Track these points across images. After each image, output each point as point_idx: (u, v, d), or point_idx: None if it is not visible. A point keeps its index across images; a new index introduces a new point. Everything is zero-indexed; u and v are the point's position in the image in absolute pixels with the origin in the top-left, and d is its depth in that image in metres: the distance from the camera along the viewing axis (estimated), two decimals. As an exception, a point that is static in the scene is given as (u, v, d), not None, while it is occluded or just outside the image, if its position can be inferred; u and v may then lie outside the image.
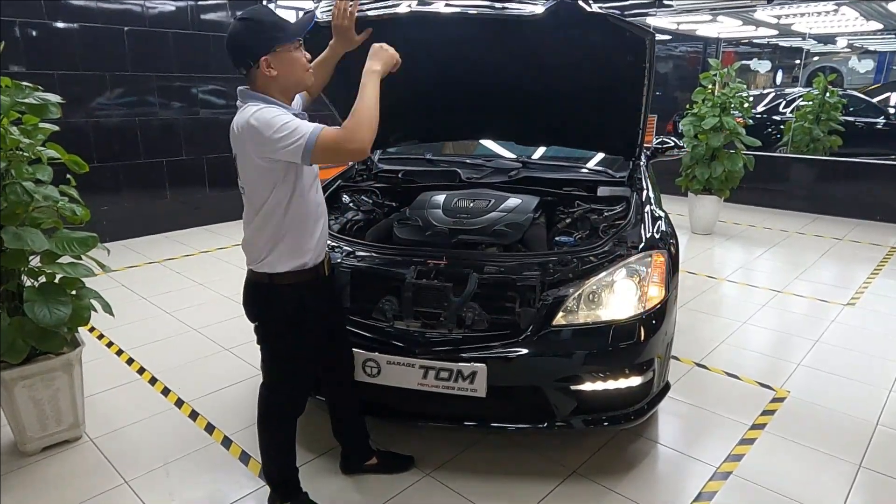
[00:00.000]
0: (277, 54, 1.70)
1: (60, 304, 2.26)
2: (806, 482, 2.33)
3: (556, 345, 2.17)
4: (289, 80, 1.76)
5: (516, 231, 2.62)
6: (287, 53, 1.72)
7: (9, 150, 2.24)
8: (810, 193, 7.07)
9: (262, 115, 1.63)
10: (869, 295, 4.36)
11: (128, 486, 2.29)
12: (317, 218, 1.88)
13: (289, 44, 1.72)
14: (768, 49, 11.85)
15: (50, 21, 4.95)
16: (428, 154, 3.58)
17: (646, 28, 2.32)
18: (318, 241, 1.89)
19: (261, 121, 1.62)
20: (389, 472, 2.36)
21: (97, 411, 2.75)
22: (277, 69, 1.71)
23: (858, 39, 10.87)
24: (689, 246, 5.67)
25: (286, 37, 1.71)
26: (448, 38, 2.50)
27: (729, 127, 5.68)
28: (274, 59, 1.70)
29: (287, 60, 1.72)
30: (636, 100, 2.58)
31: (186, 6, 5.75)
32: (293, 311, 1.87)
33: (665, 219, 2.69)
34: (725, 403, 2.87)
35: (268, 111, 1.65)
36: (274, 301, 1.87)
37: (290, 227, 1.80)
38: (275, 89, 1.75)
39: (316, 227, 1.88)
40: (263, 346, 1.96)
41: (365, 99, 1.69)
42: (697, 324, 3.84)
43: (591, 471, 2.37)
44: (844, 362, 3.32)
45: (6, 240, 2.15)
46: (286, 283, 1.83)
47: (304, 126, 1.63)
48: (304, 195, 1.80)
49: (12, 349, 2.23)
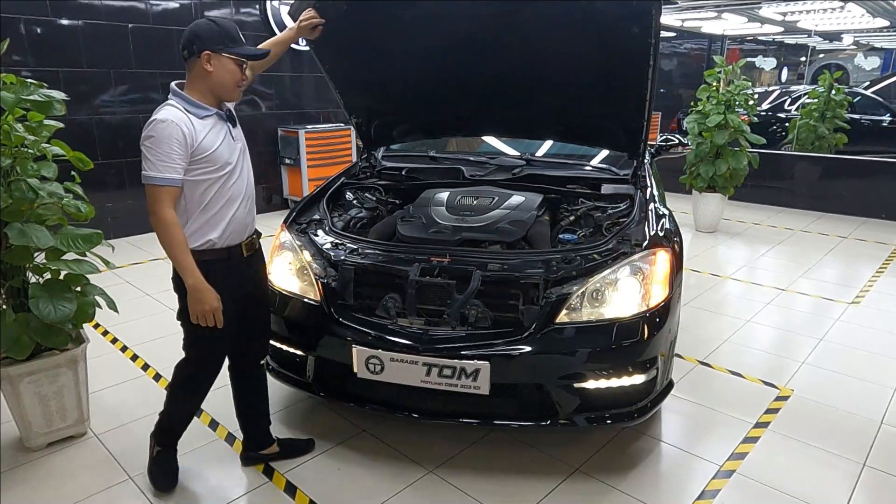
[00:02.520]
0: (221, 57, 1.93)
1: (65, 300, 2.27)
2: (810, 481, 2.32)
3: (560, 342, 2.17)
4: (219, 85, 1.96)
5: (520, 228, 2.62)
6: (229, 62, 1.94)
7: (14, 147, 2.25)
8: (815, 191, 7.04)
9: (154, 129, 1.85)
10: (874, 293, 4.35)
11: (132, 481, 2.30)
12: (229, 202, 2.02)
13: (234, 56, 1.94)
14: (773, 46, 11.80)
15: (55, 18, 4.96)
16: (431, 151, 3.58)
17: None
18: (230, 223, 2.03)
19: (150, 130, 1.86)
20: (290, 456, 2.41)
21: (102, 407, 2.77)
22: (214, 69, 1.93)
23: (865, 36, 10.80)
24: (693, 244, 5.65)
25: (235, 50, 1.94)
26: (451, 28, 2.50)
27: (733, 124, 5.65)
28: (215, 59, 1.92)
29: (226, 67, 1.94)
30: (641, 84, 2.47)
31: (190, 3, 5.76)
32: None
33: (669, 216, 2.68)
34: (729, 401, 2.87)
35: (162, 129, 1.84)
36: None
37: (194, 208, 1.97)
38: (203, 87, 1.96)
39: (226, 210, 2.02)
40: (181, 320, 2.09)
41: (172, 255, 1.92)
42: (701, 322, 3.83)
43: (594, 468, 2.37)
44: (849, 361, 3.31)
45: (11, 236, 2.16)
46: (195, 258, 1.97)
47: (159, 167, 1.85)
48: (210, 182, 1.97)
49: (17, 345, 2.25)
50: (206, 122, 1.95)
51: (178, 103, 1.93)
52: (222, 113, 2.02)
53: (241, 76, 1.99)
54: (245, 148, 2.13)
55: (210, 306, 1.93)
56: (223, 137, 1.99)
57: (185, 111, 1.91)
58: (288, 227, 2.70)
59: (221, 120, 2.01)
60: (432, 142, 3.66)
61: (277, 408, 2.76)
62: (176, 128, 1.85)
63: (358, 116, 3.27)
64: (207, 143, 1.93)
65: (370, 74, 3.01)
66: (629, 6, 2.23)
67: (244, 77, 2.01)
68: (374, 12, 2.61)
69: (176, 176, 1.87)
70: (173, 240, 1.89)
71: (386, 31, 2.71)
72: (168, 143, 1.84)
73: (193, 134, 1.89)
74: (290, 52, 6.62)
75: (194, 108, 1.94)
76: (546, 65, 2.71)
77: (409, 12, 2.59)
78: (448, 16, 2.53)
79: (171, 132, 1.84)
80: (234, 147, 2.03)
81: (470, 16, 2.51)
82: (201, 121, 1.94)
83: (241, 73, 1.99)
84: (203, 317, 1.95)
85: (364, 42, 2.79)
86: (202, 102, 1.96)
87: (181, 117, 1.88)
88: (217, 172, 1.97)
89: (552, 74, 2.75)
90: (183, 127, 1.86)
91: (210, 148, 1.93)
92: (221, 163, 1.97)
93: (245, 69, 2.02)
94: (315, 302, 2.37)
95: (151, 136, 1.85)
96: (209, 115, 1.97)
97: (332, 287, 2.38)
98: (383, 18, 2.65)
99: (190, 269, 1.91)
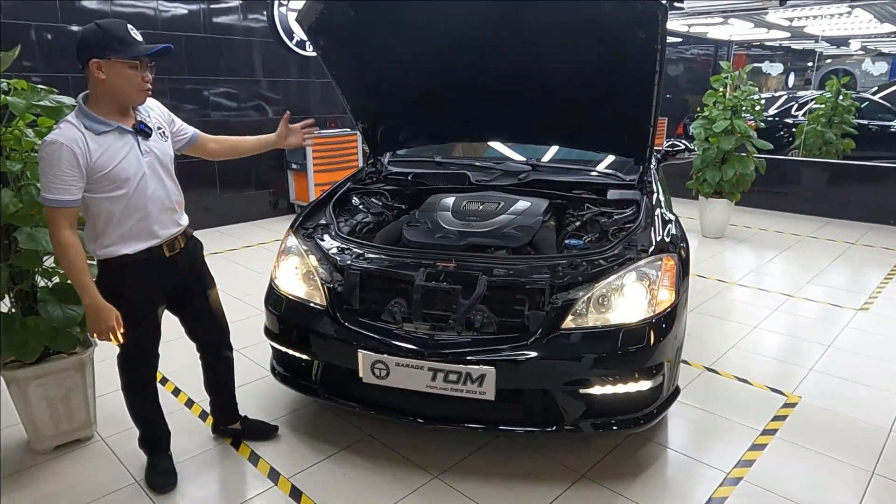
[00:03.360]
0: (111, 63, 1.86)
1: (73, 304, 2.29)
2: (817, 489, 2.30)
3: (566, 348, 2.17)
4: (117, 91, 1.91)
5: (526, 234, 2.62)
6: (121, 66, 1.87)
7: (24, 151, 2.27)
8: (822, 197, 7.01)
9: (44, 150, 1.83)
10: (882, 300, 4.31)
11: (138, 485, 2.31)
12: (144, 217, 2.02)
13: (125, 59, 1.87)
14: (780, 51, 11.77)
15: (64, 24, 5.01)
16: (437, 156, 3.58)
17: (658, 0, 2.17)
18: (148, 236, 2.05)
19: (42, 151, 1.84)
20: (252, 438, 2.55)
21: (109, 411, 2.77)
22: (107, 76, 1.87)
23: (872, 42, 10.76)
24: (700, 249, 5.63)
25: (125, 52, 1.87)
26: (457, 33, 2.51)
27: (740, 130, 5.64)
28: (106, 66, 1.87)
29: (118, 73, 1.88)
30: (647, 89, 2.46)
31: (199, 10, 5.81)
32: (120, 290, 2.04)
33: (675, 222, 2.67)
34: (736, 408, 2.85)
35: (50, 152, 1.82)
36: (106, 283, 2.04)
37: (104, 225, 1.99)
38: (103, 96, 1.92)
39: (142, 224, 2.03)
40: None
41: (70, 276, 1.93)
42: (708, 328, 3.81)
43: (600, 475, 2.36)
44: (857, 367, 3.28)
45: (21, 240, 2.18)
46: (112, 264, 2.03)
47: (51, 188, 1.83)
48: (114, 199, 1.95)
49: (26, 348, 2.26)
50: (104, 138, 1.90)
51: (76, 119, 1.89)
52: (125, 127, 1.96)
53: (140, 79, 1.91)
54: (164, 156, 2.09)
55: (106, 325, 1.93)
56: (127, 152, 1.94)
57: (82, 128, 1.87)
58: (294, 231, 2.71)
59: (126, 133, 1.96)
60: (438, 147, 3.67)
61: (282, 412, 2.77)
62: (65, 150, 1.81)
63: (364, 121, 3.28)
64: (103, 162, 1.88)
65: (377, 80, 3.02)
66: (635, 11, 2.23)
67: (145, 78, 1.94)
68: (381, 18, 2.62)
69: (69, 197, 1.84)
70: (69, 262, 1.88)
71: (392, 37, 2.73)
72: (57, 165, 1.81)
73: (87, 154, 1.85)
74: (297, 58, 6.67)
75: (93, 122, 1.89)
76: (552, 70, 2.71)
77: (415, 18, 2.60)
78: (454, 21, 2.54)
79: (60, 155, 1.81)
80: (142, 161, 1.99)
81: (476, 21, 2.52)
82: (98, 137, 1.89)
83: (139, 75, 1.91)
84: (101, 334, 1.95)
85: (371, 47, 2.80)
86: (102, 116, 1.91)
87: (74, 136, 1.84)
88: (119, 189, 1.93)
89: (558, 79, 2.75)
90: (74, 147, 1.82)
91: (107, 166, 1.89)
92: (123, 179, 1.93)
93: (146, 69, 1.94)
94: (321, 306, 2.38)
95: (42, 157, 1.83)
96: (108, 131, 1.92)
97: (337, 292, 2.38)
98: (390, 24, 2.66)
99: (86, 289, 1.90)
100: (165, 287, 2.17)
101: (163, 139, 2.11)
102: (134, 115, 2.02)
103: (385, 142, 3.42)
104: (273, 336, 2.54)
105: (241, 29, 6.18)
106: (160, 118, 2.14)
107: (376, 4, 2.54)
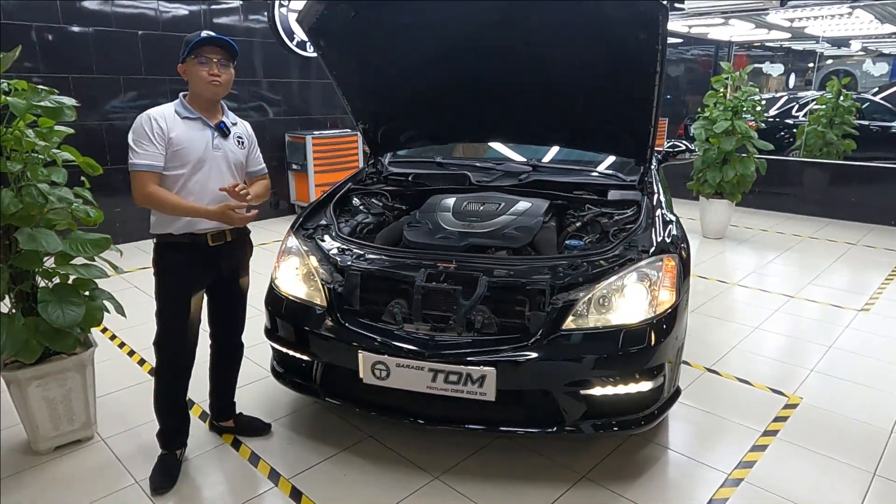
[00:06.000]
0: (186, 64, 2.16)
1: (74, 304, 2.29)
2: (819, 490, 2.30)
3: (566, 349, 2.16)
4: (194, 87, 2.18)
5: (526, 234, 2.61)
6: (191, 65, 2.14)
7: (24, 152, 2.27)
8: (823, 197, 7.00)
9: (138, 121, 2.12)
10: (884, 300, 4.31)
11: (138, 485, 2.31)
12: (196, 201, 2.17)
13: (189, 59, 2.13)
14: (781, 52, 11.77)
15: (65, 25, 5.01)
16: (438, 157, 3.58)
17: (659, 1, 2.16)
18: (192, 220, 2.19)
19: (135, 124, 2.13)
20: (246, 434, 2.59)
21: (109, 411, 2.78)
22: (189, 76, 2.17)
23: (873, 42, 10.76)
24: (701, 250, 5.63)
25: (184, 54, 2.14)
26: (458, 33, 2.51)
27: (741, 130, 5.64)
28: (185, 68, 2.17)
29: (192, 70, 2.15)
30: (648, 90, 2.46)
31: (200, 10, 5.81)
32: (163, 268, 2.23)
33: (676, 223, 2.67)
34: (737, 409, 2.85)
35: (138, 121, 2.12)
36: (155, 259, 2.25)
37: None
38: (191, 93, 2.21)
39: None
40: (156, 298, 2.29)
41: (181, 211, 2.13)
42: (708, 328, 3.81)
43: (601, 476, 2.36)
44: (859, 368, 3.28)
45: (21, 241, 2.17)
46: (160, 242, 2.22)
47: (142, 155, 2.10)
48: (176, 176, 2.16)
49: (26, 349, 2.26)
50: (186, 122, 2.17)
51: (172, 105, 2.20)
52: (208, 121, 2.21)
53: (207, 73, 2.13)
54: (234, 158, 2.26)
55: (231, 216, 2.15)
56: (199, 138, 2.18)
57: (173, 110, 2.17)
58: (295, 232, 2.71)
59: (207, 127, 2.21)
60: (439, 148, 3.66)
61: (283, 413, 2.77)
62: (153, 120, 2.10)
63: (365, 122, 3.28)
64: (177, 138, 2.13)
65: (377, 80, 3.02)
66: (636, 12, 2.23)
67: (213, 72, 2.14)
68: (382, 18, 2.63)
69: (153, 162, 2.09)
70: (169, 204, 2.10)
71: (393, 37, 2.72)
72: (146, 132, 2.09)
73: (168, 127, 2.12)
74: (298, 58, 6.68)
75: (183, 110, 2.19)
76: (553, 70, 2.71)
77: (416, 18, 2.60)
78: (455, 22, 2.54)
79: (149, 123, 2.10)
80: (211, 153, 2.20)
81: (476, 22, 2.52)
82: (182, 120, 2.16)
83: (206, 70, 2.13)
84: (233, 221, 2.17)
85: (371, 48, 2.80)
86: (191, 106, 2.20)
87: (163, 112, 2.14)
88: (181, 168, 2.15)
89: (559, 80, 2.75)
90: (160, 118, 2.11)
91: (179, 144, 2.13)
92: (186, 159, 2.14)
93: (213, 65, 2.13)
94: (321, 307, 2.38)
95: (134, 128, 2.12)
96: (192, 119, 2.19)
97: (338, 292, 2.38)
98: (391, 24, 2.66)
99: (197, 211, 2.13)
100: (204, 274, 2.28)
101: (238, 146, 2.30)
102: (220, 116, 2.27)
103: (386, 142, 3.42)
104: (273, 337, 2.54)
105: (242, 30, 6.19)
106: (244, 133, 2.36)
107: (377, 5, 2.54)
